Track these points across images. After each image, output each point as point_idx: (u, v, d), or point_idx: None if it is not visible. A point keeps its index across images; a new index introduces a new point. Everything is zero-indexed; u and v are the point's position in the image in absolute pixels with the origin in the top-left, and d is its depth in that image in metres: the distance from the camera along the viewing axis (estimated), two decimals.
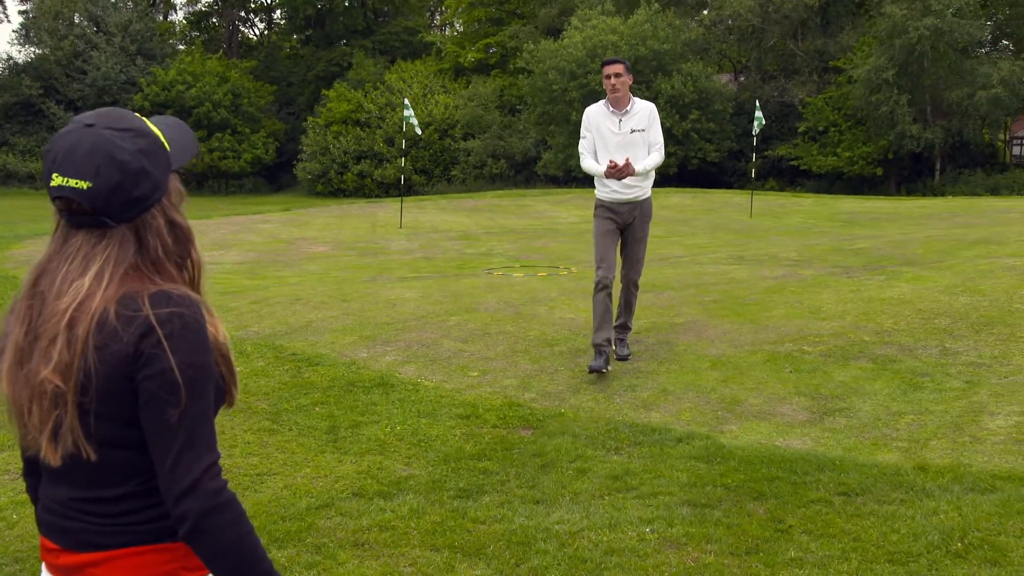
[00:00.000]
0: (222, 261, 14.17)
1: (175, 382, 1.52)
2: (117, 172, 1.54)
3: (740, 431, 5.39)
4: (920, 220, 19.56)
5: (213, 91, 46.95)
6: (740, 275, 10.84)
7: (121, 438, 1.57)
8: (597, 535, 3.94)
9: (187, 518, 1.53)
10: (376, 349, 7.40)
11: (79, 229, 1.57)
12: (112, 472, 1.59)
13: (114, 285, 1.55)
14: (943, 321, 7.72)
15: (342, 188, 43.89)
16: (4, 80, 48.15)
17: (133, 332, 1.51)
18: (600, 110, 6.47)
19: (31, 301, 1.58)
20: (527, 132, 41.22)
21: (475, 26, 50.77)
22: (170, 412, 1.52)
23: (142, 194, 1.57)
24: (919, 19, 31.81)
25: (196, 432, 1.55)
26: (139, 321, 1.52)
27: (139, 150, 1.58)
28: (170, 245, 1.62)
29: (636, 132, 6.33)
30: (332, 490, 4.46)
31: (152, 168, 1.59)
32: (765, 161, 37.04)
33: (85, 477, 1.60)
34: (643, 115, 6.37)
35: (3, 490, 4.49)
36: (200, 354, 1.56)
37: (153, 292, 1.55)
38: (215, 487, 1.55)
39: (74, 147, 1.55)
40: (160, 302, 1.54)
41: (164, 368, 1.51)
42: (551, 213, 24.44)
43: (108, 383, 1.52)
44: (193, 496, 1.53)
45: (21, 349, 1.56)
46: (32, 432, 1.56)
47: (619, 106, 6.38)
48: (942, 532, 3.84)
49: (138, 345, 1.51)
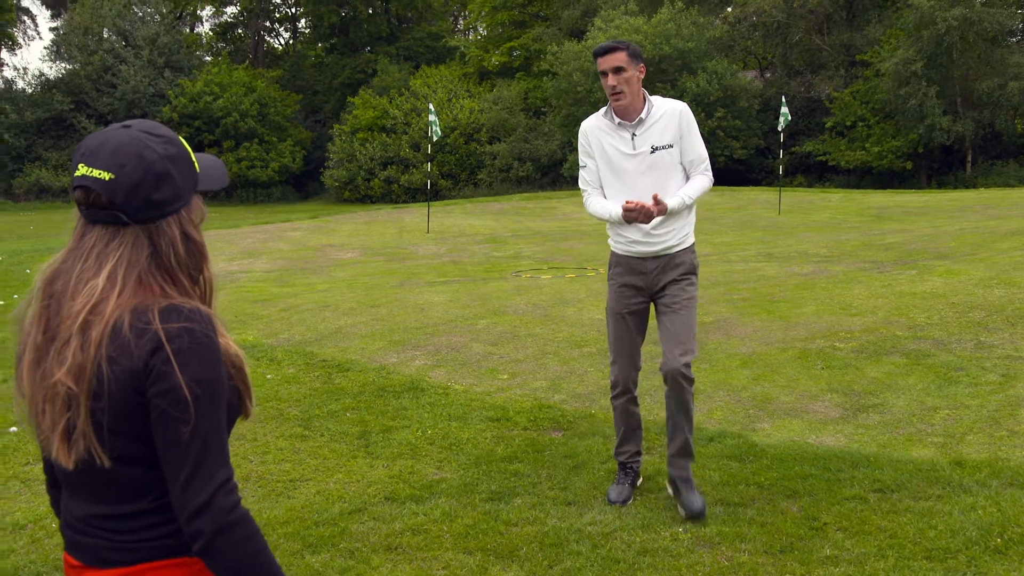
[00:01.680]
0: (251, 269, 14.28)
1: (185, 399, 1.51)
2: (141, 170, 1.56)
3: (772, 429, 5.35)
4: (952, 213, 19.31)
5: (240, 101, 47.36)
6: (769, 272, 10.76)
7: (134, 454, 1.57)
8: (630, 536, 3.92)
9: (201, 536, 1.52)
10: (406, 354, 7.43)
11: (95, 226, 1.58)
12: (127, 488, 1.60)
13: (128, 290, 1.55)
14: (977, 314, 7.62)
15: (369, 194, 44.09)
16: (36, 96, 48.85)
17: (143, 347, 1.51)
18: (601, 124, 4.34)
19: (48, 301, 1.59)
20: (552, 134, 41.19)
21: (498, 29, 50.81)
22: (181, 429, 1.51)
23: (162, 198, 1.58)
24: (947, 9, 31.41)
25: (208, 449, 1.54)
26: (149, 336, 1.52)
27: (167, 155, 1.60)
28: (183, 257, 1.61)
29: (660, 150, 4.22)
30: (364, 495, 4.48)
31: (176, 176, 1.60)
32: (793, 157, 36.77)
33: (101, 493, 1.61)
34: (668, 123, 4.23)
35: (42, 499, 4.56)
36: (210, 370, 1.55)
37: (164, 306, 1.55)
38: (229, 504, 1.54)
39: (105, 142, 1.58)
40: (170, 316, 1.53)
41: (174, 385, 1.50)
42: (578, 215, 24.40)
43: (121, 397, 1.53)
44: (207, 514, 1.52)
45: (39, 349, 1.57)
46: (45, 432, 1.57)
47: (628, 116, 4.25)
48: (980, 528, 3.78)
49: (148, 361, 1.51)
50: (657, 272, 4.28)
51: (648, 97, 4.29)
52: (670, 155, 4.24)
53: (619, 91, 4.19)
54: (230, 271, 14.09)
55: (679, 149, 4.25)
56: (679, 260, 4.27)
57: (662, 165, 4.23)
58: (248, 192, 48.24)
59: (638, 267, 4.32)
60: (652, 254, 4.28)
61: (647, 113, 4.24)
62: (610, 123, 4.31)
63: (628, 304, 4.36)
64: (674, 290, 4.25)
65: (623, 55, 4.18)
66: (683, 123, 4.24)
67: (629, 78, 4.18)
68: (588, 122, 4.40)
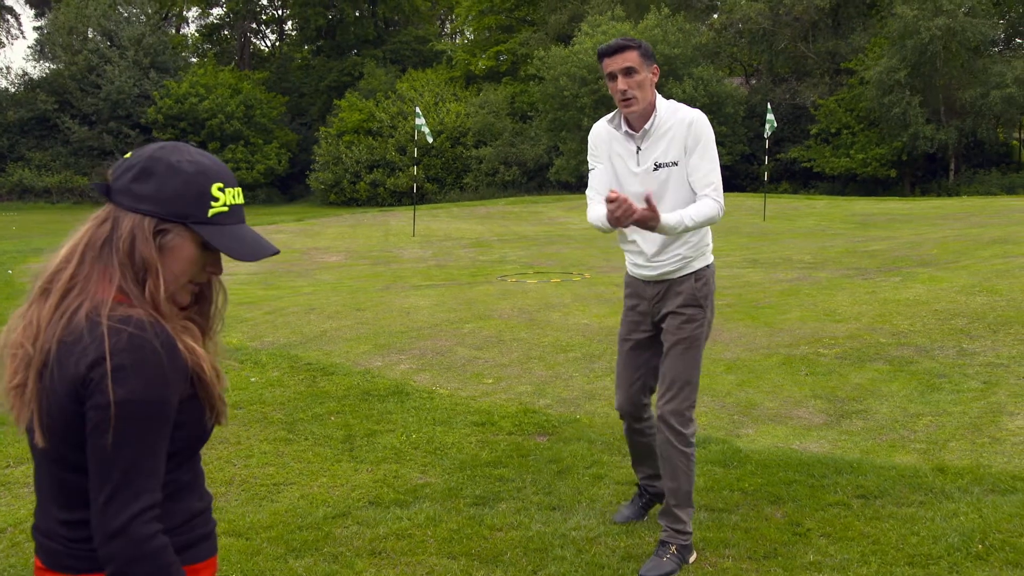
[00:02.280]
0: (236, 272, 14.23)
1: (116, 416, 1.46)
2: (144, 158, 1.60)
3: (756, 435, 5.37)
4: (935, 221, 19.46)
5: (226, 103, 47.21)
6: (754, 278, 10.80)
7: (74, 461, 1.55)
8: (614, 541, 3.92)
9: (112, 562, 1.47)
10: (391, 357, 7.41)
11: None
12: (74, 494, 1.58)
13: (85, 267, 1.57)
14: (960, 322, 7.67)
15: (355, 197, 44.02)
16: (20, 96, 48.54)
17: (85, 355, 1.49)
18: (610, 131, 3.82)
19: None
20: (539, 139, 41.25)
21: (485, 34, 50.87)
22: (109, 446, 1.47)
23: (140, 192, 1.58)
24: (930, 19, 31.67)
25: (135, 471, 1.48)
26: (95, 342, 1.49)
27: (170, 162, 1.60)
28: (123, 257, 1.57)
29: (664, 167, 3.66)
30: (349, 499, 4.47)
31: (164, 183, 1.59)
32: (778, 164, 36.95)
33: (58, 497, 1.61)
34: (675, 136, 3.65)
35: (22, 502, 4.52)
36: (153, 389, 1.50)
37: (119, 315, 1.52)
38: (145, 533, 1.48)
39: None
40: (117, 328, 1.51)
41: (108, 401, 1.46)
42: (564, 219, 24.43)
43: (60, 398, 1.51)
44: (122, 539, 1.47)
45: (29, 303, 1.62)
46: (4, 386, 1.59)
47: (636, 125, 3.73)
48: (962, 534, 3.81)
49: (88, 373, 1.48)
50: (657, 299, 3.84)
51: (657, 104, 3.71)
52: (674, 174, 3.66)
53: (630, 96, 3.64)
54: None
55: (685, 166, 3.66)
56: (680, 288, 3.78)
57: (667, 186, 3.66)
58: None
59: (641, 291, 3.92)
60: (652, 278, 3.84)
61: (652, 124, 3.69)
62: (617, 131, 3.79)
63: (632, 330, 3.97)
64: (671, 326, 3.78)
65: (635, 54, 3.64)
66: (691, 137, 3.63)
67: (642, 81, 3.64)
68: (596, 127, 3.88)
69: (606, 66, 3.69)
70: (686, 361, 3.74)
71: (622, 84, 3.63)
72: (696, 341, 3.76)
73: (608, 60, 3.67)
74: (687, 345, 3.74)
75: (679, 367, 3.73)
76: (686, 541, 3.74)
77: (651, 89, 3.70)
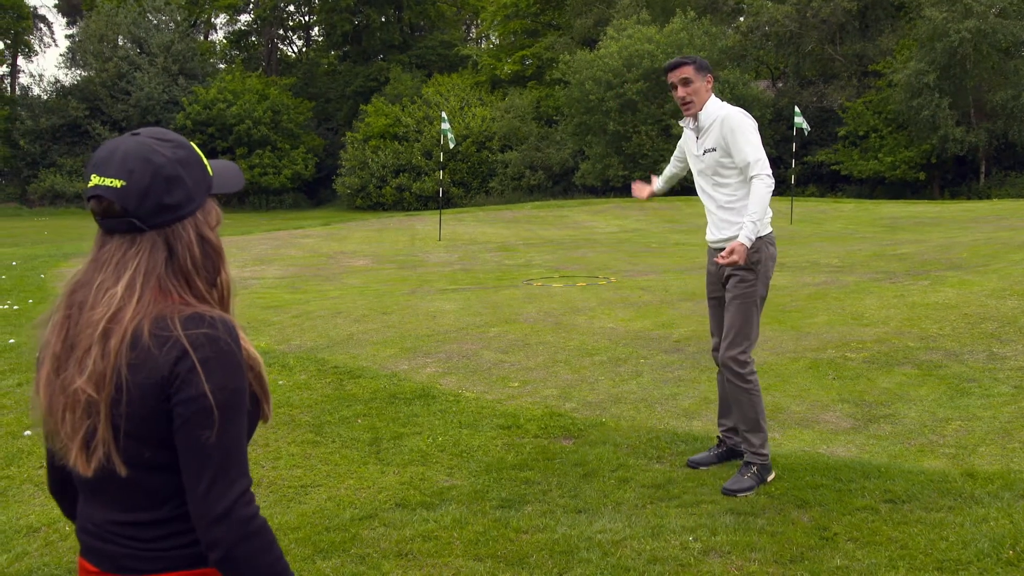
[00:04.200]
0: (263, 276, 14.35)
1: (209, 407, 1.51)
2: (151, 174, 1.56)
3: (783, 439, 5.34)
4: (965, 224, 19.25)
5: (253, 108, 47.64)
6: (781, 282, 10.74)
7: (154, 460, 1.57)
8: (640, 544, 3.92)
9: (219, 545, 1.52)
10: (417, 361, 7.45)
11: (112, 236, 1.59)
12: (147, 495, 1.60)
13: (147, 298, 1.55)
14: (990, 326, 7.59)
15: (381, 202, 44.24)
16: (52, 103, 49.27)
17: (167, 355, 1.52)
18: (685, 127, 4.93)
19: (68, 311, 1.59)
20: (564, 143, 41.26)
21: (511, 38, 50.98)
22: (204, 437, 1.52)
23: (174, 201, 1.58)
24: (960, 21, 31.36)
25: (230, 458, 1.54)
26: (172, 343, 1.52)
27: (176, 159, 1.60)
28: (199, 259, 1.61)
29: (708, 153, 4.69)
30: (375, 501, 4.50)
31: (187, 179, 1.61)
32: (805, 167, 36.73)
33: (122, 499, 1.61)
34: (714, 128, 4.65)
35: (55, 503, 4.59)
36: (234, 378, 1.55)
37: (187, 314, 1.56)
38: (248, 514, 1.54)
39: (115, 150, 1.59)
40: (193, 324, 1.54)
41: (199, 393, 1.51)
42: (589, 223, 24.41)
43: (141, 404, 1.53)
44: (226, 523, 1.51)
45: (58, 358, 1.58)
46: (65, 440, 1.57)
47: (695, 121, 4.80)
48: (992, 540, 3.77)
49: (173, 368, 1.51)
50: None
51: (706, 104, 4.67)
52: (715, 158, 4.63)
53: (688, 101, 4.66)
54: (243, 277, 14.15)
55: (722, 154, 4.60)
56: None
57: (710, 167, 4.68)
58: (260, 199, 48.47)
59: (710, 254, 4.87)
60: (714, 243, 4.78)
61: (702, 119, 4.68)
62: (687, 128, 4.84)
63: (710, 289, 4.90)
64: (730, 285, 4.64)
65: (690, 68, 4.62)
66: (724, 131, 4.56)
67: (697, 89, 4.63)
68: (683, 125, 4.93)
69: (669, 79, 4.70)
70: (741, 313, 4.57)
71: (681, 92, 4.65)
72: (749, 297, 4.56)
73: (670, 74, 4.69)
74: (741, 300, 4.57)
75: (735, 317, 4.58)
76: (764, 461, 4.56)
77: (706, 94, 4.67)
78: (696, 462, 4.85)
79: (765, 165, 4.46)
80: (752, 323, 4.59)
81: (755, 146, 4.50)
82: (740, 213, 4.56)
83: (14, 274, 14.49)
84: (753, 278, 4.55)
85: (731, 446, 4.90)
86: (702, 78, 4.62)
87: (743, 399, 4.59)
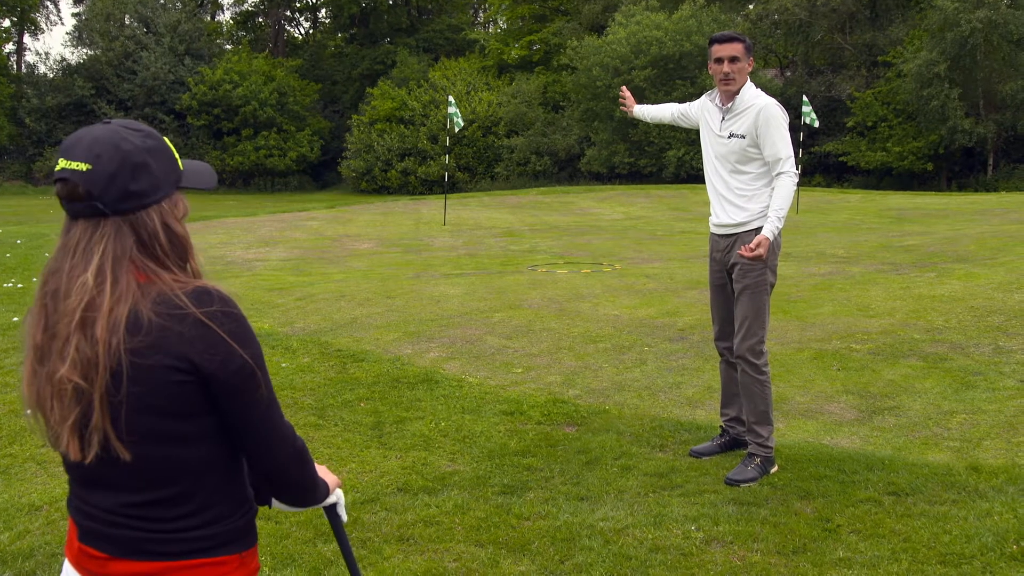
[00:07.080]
0: (268, 258, 14.34)
1: (252, 370, 1.60)
2: (118, 160, 1.55)
3: (787, 429, 5.33)
4: (972, 216, 19.17)
5: (259, 90, 47.53)
6: (787, 272, 10.71)
7: (168, 433, 1.57)
8: (642, 532, 3.91)
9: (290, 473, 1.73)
10: (420, 345, 7.44)
11: (77, 221, 1.58)
12: (159, 472, 1.60)
13: (123, 281, 1.55)
14: (996, 319, 7.56)
15: (386, 185, 44.17)
16: (58, 81, 49.19)
17: (188, 332, 1.53)
18: (708, 102, 4.81)
19: (45, 301, 1.59)
20: (570, 129, 41.14)
21: (518, 23, 50.77)
22: (259, 395, 1.62)
23: (140, 189, 1.57)
24: (971, 11, 31.16)
25: (276, 404, 1.68)
26: (192, 321, 1.54)
27: (145, 147, 1.60)
28: (166, 247, 1.60)
29: (735, 138, 4.57)
30: (377, 485, 4.49)
31: (155, 167, 1.60)
32: (812, 157, 36.58)
33: (130, 481, 1.60)
34: (748, 116, 4.54)
35: (58, 480, 4.59)
36: (257, 343, 1.64)
37: (194, 289, 1.57)
38: (303, 443, 1.75)
39: (84, 135, 1.59)
40: (205, 300, 1.56)
41: (242, 363, 1.58)
42: (595, 210, 24.36)
43: (155, 381, 1.53)
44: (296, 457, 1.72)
45: (40, 348, 1.58)
46: (54, 427, 1.58)
47: (726, 100, 4.67)
48: (996, 534, 3.76)
49: (199, 342, 1.54)
50: (727, 250, 4.68)
51: (744, 88, 4.58)
52: (740, 145, 4.55)
53: (732, 78, 4.55)
54: (247, 259, 14.14)
55: (751, 141, 4.53)
56: (745, 240, 4.56)
57: (733, 152, 4.59)
58: (266, 181, 48.43)
59: (715, 244, 4.78)
60: (719, 229, 4.73)
61: (736, 102, 4.59)
62: (712, 103, 4.74)
63: (713, 277, 4.83)
64: (737, 275, 4.60)
65: (740, 46, 4.54)
66: (759, 121, 4.48)
67: (741, 68, 4.55)
68: (703, 97, 4.87)
69: (715, 51, 4.55)
70: (752, 303, 4.55)
71: (727, 67, 4.52)
72: (759, 287, 4.54)
73: (719, 47, 4.55)
74: (752, 290, 4.54)
75: (746, 309, 4.56)
76: (768, 453, 4.54)
77: (746, 76, 4.59)
78: (699, 452, 4.85)
79: (793, 162, 4.49)
80: (764, 312, 4.59)
81: (787, 142, 4.50)
82: (750, 200, 4.57)
83: (19, 252, 14.49)
84: (762, 266, 4.53)
85: (734, 436, 4.90)
86: (747, 59, 4.56)
87: (756, 390, 4.58)
